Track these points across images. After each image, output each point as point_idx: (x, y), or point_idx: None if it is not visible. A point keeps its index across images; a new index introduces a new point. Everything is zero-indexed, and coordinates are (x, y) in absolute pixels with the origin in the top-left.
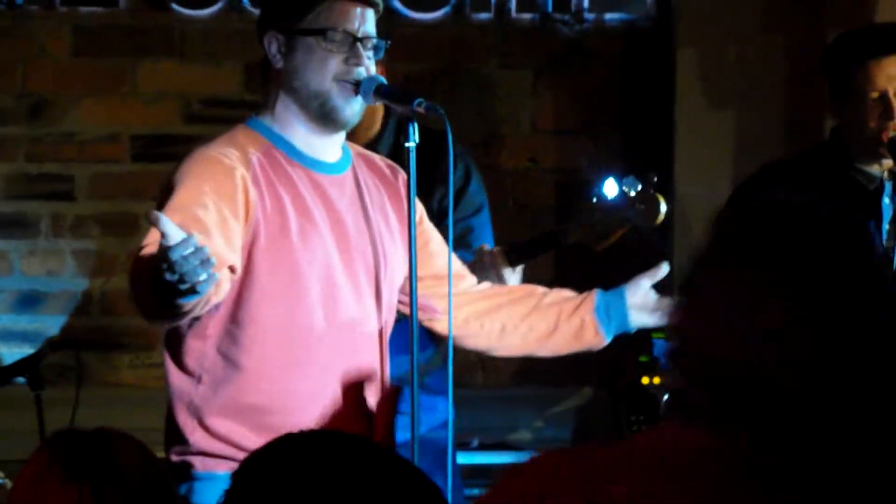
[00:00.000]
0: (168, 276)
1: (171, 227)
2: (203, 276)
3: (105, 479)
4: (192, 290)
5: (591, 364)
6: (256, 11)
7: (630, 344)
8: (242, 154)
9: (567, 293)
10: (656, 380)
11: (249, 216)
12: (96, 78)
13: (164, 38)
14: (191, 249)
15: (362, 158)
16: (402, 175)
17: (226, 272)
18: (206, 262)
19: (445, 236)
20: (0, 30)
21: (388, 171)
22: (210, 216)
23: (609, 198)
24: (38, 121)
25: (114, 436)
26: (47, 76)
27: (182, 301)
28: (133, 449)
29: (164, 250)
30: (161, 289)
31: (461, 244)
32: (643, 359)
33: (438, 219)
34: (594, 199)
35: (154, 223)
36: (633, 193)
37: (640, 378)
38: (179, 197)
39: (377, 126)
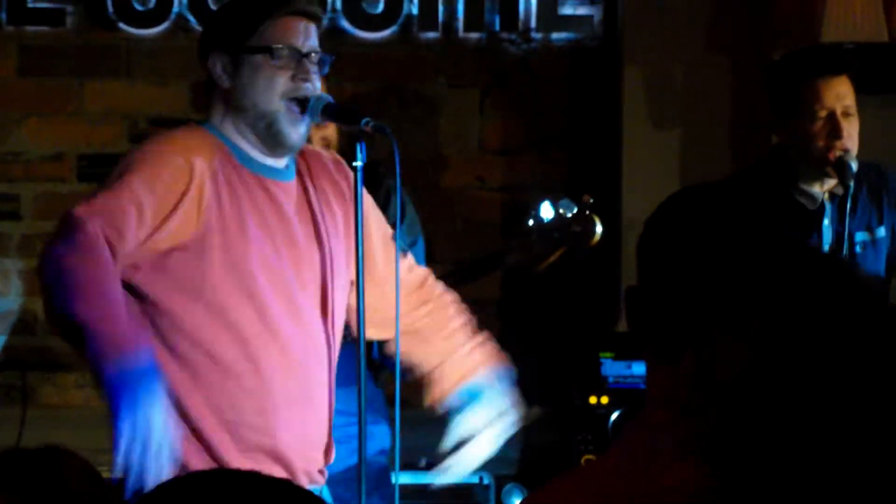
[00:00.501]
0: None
1: None
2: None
3: (52, 497)
4: None
5: (538, 383)
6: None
7: (577, 363)
8: (205, 151)
9: (485, 357)
10: (604, 399)
11: (202, 214)
12: (42, 97)
13: (110, 57)
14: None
15: (310, 157)
16: (348, 172)
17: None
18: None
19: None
20: None
21: (333, 168)
22: (135, 220)
23: (545, 220)
24: None
25: (60, 454)
26: None
27: None
28: (79, 467)
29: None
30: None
31: None
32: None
33: None
34: (531, 222)
35: None
36: (568, 215)
37: (588, 397)
38: (118, 192)
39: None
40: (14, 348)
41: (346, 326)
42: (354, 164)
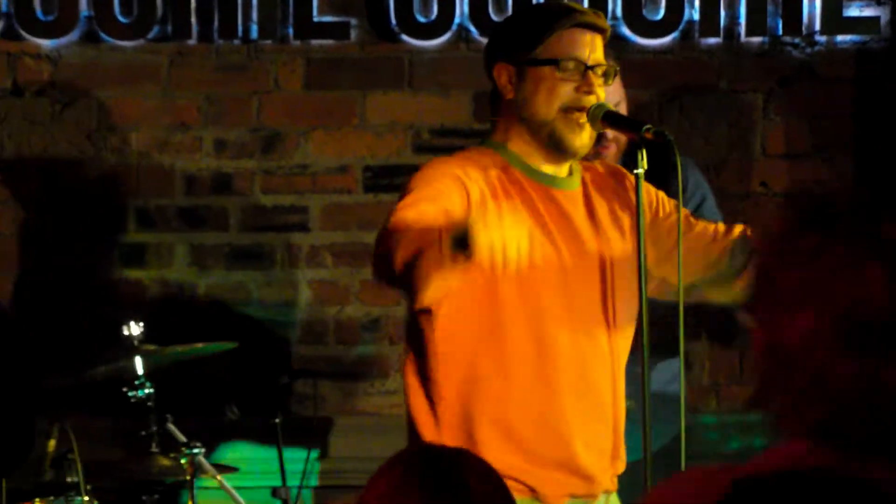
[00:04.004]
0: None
1: None
2: None
3: (453, 495)
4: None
5: None
6: (484, 40)
7: None
8: (481, 170)
9: None
10: None
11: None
12: (327, 110)
13: (393, 68)
14: None
15: (587, 171)
16: (629, 178)
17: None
18: None
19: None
20: (236, 64)
21: (612, 178)
22: (457, 208)
23: None
24: (271, 153)
25: (468, 457)
26: (280, 109)
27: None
28: (484, 471)
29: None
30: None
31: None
32: None
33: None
34: None
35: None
36: None
37: None
38: (426, 190)
39: None
40: (306, 357)
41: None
42: (635, 171)
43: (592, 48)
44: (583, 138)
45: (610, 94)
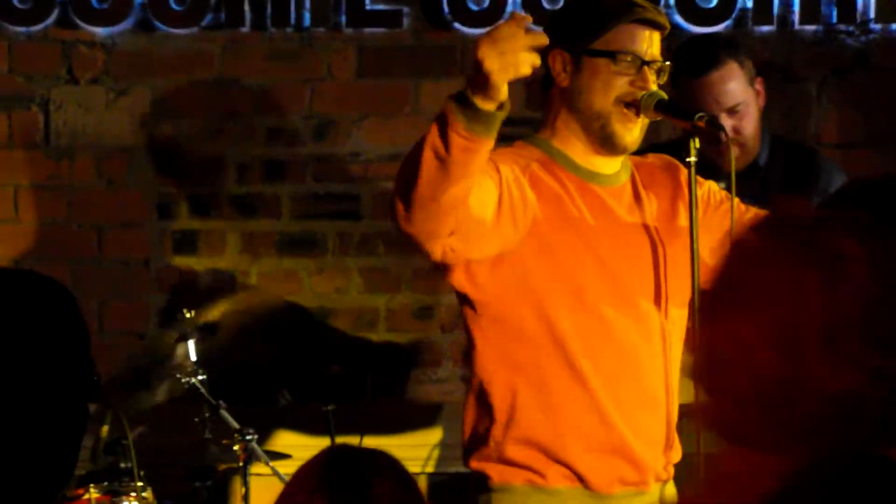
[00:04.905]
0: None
1: None
2: None
3: (349, 498)
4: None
5: None
6: (537, 29)
7: None
8: (521, 159)
9: None
10: None
11: (527, 210)
12: (380, 98)
13: (445, 57)
14: None
15: (638, 166)
16: (683, 171)
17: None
18: None
19: None
20: (288, 52)
21: (665, 171)
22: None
23: None
24: (323, 141)
25: (377, 460)
26: (333, 97)
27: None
28: (392, 477)
29: None
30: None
31: None
32: None
33: None
34: None
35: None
36: None
37: None
38: None
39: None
40: (357, 345)
41: None
42: (688, 159)
43: (650, 44)
44: (633, 134)
45: (731, 93)
